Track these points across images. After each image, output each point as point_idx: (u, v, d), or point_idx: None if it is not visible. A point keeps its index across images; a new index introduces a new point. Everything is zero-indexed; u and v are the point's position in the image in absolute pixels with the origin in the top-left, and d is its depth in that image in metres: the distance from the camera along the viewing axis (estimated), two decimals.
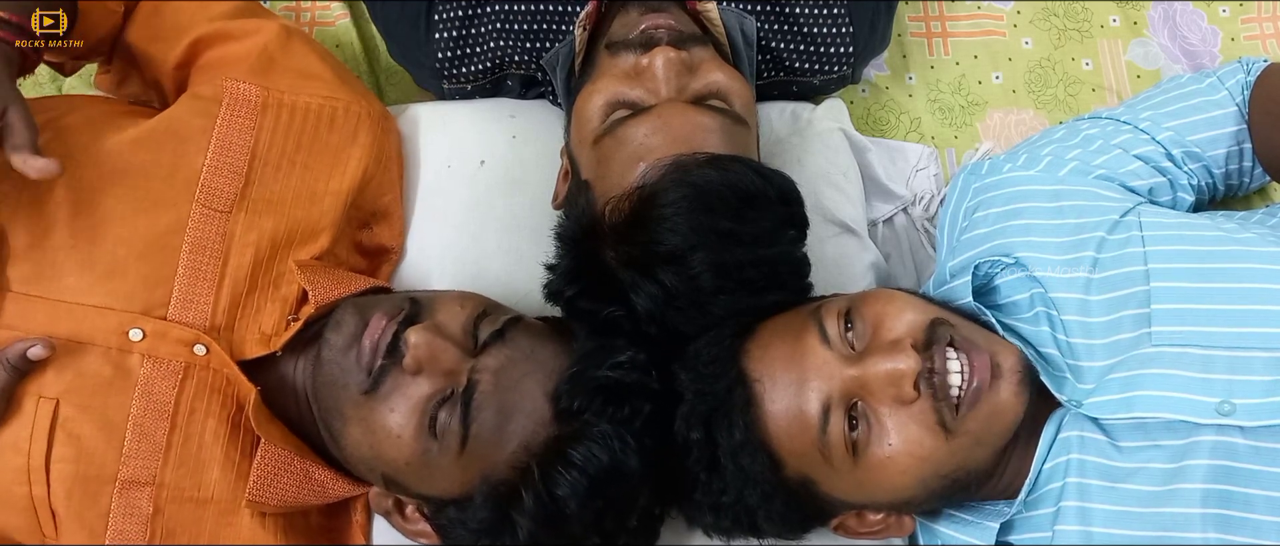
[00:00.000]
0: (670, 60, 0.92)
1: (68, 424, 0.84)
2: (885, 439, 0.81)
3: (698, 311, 0.86)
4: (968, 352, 0.82)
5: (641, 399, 0.84)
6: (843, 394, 0.81)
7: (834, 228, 1.13)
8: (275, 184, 0.95)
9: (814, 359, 0.83)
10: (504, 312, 0.88)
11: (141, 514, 0.86)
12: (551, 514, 0.80)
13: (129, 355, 0.87)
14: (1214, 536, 0.78)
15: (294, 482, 0.89)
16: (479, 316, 0.85)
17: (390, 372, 0.82)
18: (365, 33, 1.29)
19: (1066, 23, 1.34)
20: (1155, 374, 0.83)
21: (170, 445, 0.87)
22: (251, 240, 0.92)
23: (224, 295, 0.91)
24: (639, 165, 0.88)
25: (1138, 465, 0.82)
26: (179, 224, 0.90)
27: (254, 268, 0.92)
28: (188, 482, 0.88)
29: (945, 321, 0.84)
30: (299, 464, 0.89)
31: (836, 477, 0.84)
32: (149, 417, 0.86)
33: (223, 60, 1.00)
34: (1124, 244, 0.90)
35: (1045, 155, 1.02)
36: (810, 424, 0.81)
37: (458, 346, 0.82)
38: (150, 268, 0.88)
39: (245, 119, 0.95)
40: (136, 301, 0.87)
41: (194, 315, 0.89)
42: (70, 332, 0.85)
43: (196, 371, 0.89)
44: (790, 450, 0.83)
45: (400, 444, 0.82)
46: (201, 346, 0.88)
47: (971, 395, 0.80)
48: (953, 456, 0.82)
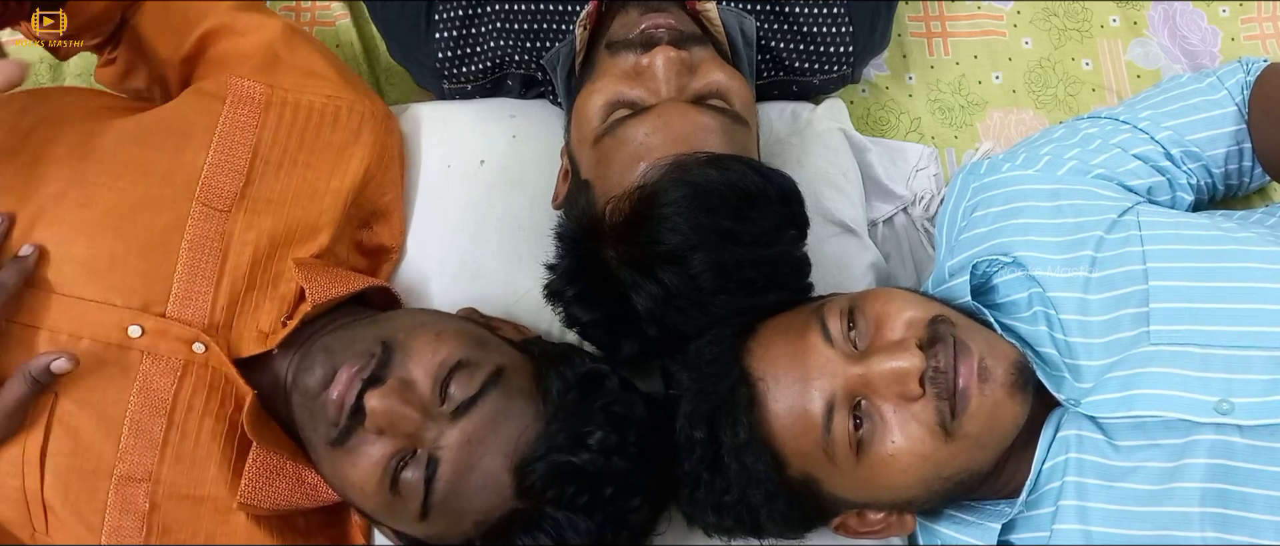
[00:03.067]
0: (670, 60, 0.92)
1: (65, 418, 0.85)
2: (888, 437, 0.81)
3: (698, 311, 0.86)
4: (958, 356, 0.81)
5: (605, 483, 0.82)
6: (847, 392, 0.81)
7: (834, 227, 1.13)
8: (276, 183, 0.95)
9: (817, 357, 0.83)
10: (481, 366, 0.84)
11: (138, 509, 0.86)
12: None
13: (128, 351, 0.87)
14: (1212, 535, 0.78)
15: (286, 486, 0.89)
16: (455, 366, 0.83)
17: (355, 431, 0.82)
18: (365, 33, 1.30)
19: (1066, 23, 1.34)
20: (1154, 372, 0.83)
21: (167, 442, 0.87)
22: (250, 239, 0.92)
23: (222, 293, 0.90)
24: (639, 165, 0.88)
25: (1136, 464, 0.82)
26: (179, 222, 0.90)
27: (252, 266, 0.92)
28: (184, 479, 0.88)
29: (946, 319, 0.84)
30: (292, 467, 0.89)
31: (840, 476, 0.84)
32: (146, 414, 0.86)
33: (228, 55, 1.00)
34: (1123, 243, 0.90)
35: (1044, 155, 1.02)
36: (814, 423, 0.81)
37: (420, 410, 0.81)
38: (150, 264, 0.88)
39: (248, 117, 0.95)
40: (136, 297, 0.87)
41: (192, 313, 0.89)
42: (70, 327, 0.85)
43: (195, 369, 0.89)
44: (794, 449, 0.83)
45: (365, 494, 0.83)
46: (200, 344, 0.88)
47: (962, 398, 0.80)
48: (954, 458, 0.82)
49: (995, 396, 0.81)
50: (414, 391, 0.82)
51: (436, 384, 0.82)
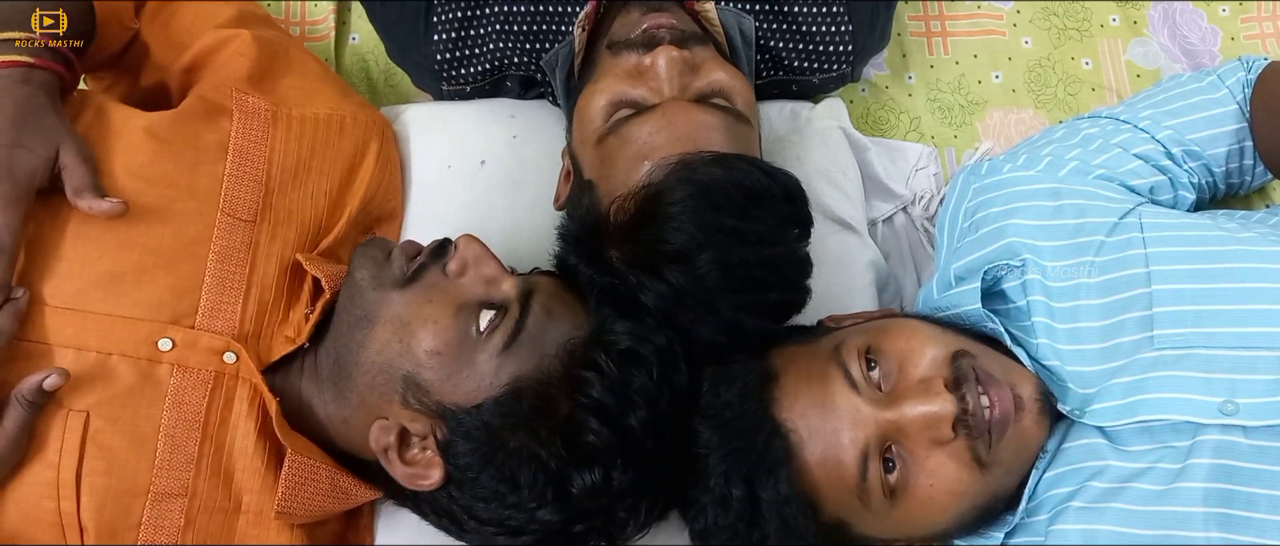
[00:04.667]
0: (673, 59, 0.92)
1: (99, 436, 0.83)
2: (923, 479, 0.81)
3: (704, 310, 0.86)
4: (987, 387, 0.82)
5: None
6: (879, 439, 0.81)
7: (833, 225, 1.13)
8: (294, 193, 0.95)
9: (846, 405, 0.82)
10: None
11: (173, 526, 0.84)
12: (620, 386, 0.80)
13: (158, 365, 0.85)
14: (1216, 535, 0.78)
15: (321, 491, 0.88)
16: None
17: (429, 269, 0.84)
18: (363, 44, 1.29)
19: (1066, 22, 1.34)
20: (1158, 377, 0.83)
21: (202, 455, 0.86)
22: (276, 250, 0.92)
23: (251, 304, 0.90)
24: (643, 164, 0.88)
25: (1145, 466, 0.82)
26: (205, 233, 0.89)
27: (279, 277, 0.92)
28: (219, 493, 0.87)
29: (967, 352, 0.84)
30: (325, 472, 0.88)
31: (872, 519, 0.83)
32: (180, 428, 0.85)
33: (226, 67, 0.99)
34: (1125, 246, 0.90)
35: (1045, 155, 1.02)
36: (849, 473, 0.81)
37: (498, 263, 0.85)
38: (177, 278, 0.87)
39: (258, 131, 0.94)
40: (165, 311, 0.86)
41: (222, 324, 0.88)
42: (98, 344, 0.84)
43: (226, 380, 0.87)
44: (828, 496, 0.82)
45: (437, 329, 0.82)
46: (231, 354, 0.87)
47: (998, 428, 0.81)
48: (987, 488, 0.82)
49: (1025, 424, 0.82)
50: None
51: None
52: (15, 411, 0.79)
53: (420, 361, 0.82)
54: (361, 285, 0.85)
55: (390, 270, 0.85)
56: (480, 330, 0.81)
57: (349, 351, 0.85)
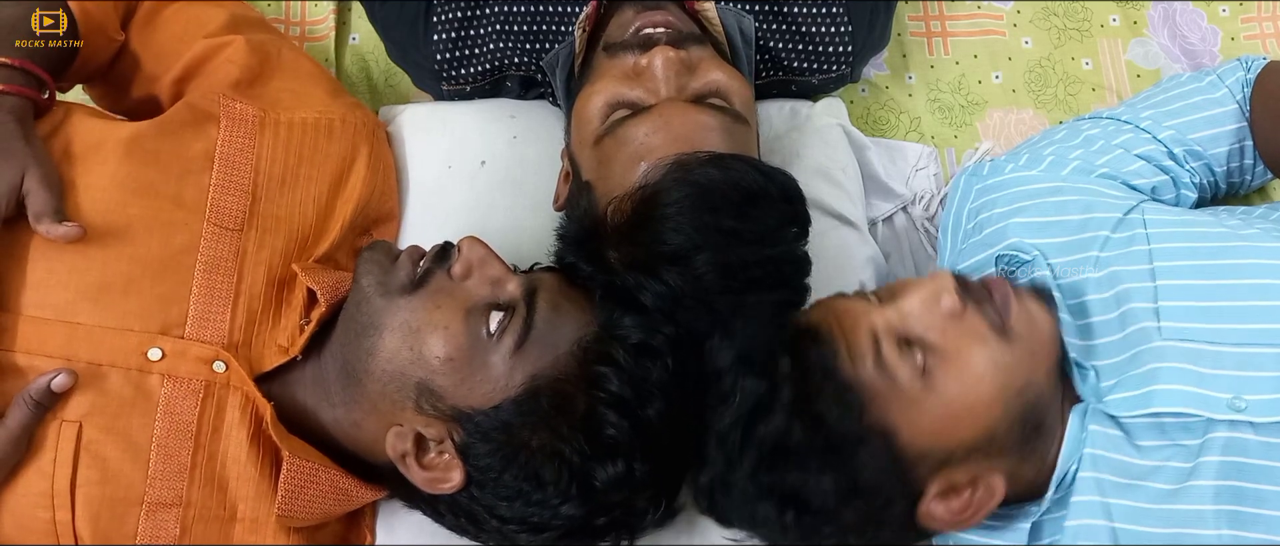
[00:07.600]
0: (669, 59, 0.92)
1: (92, 446, 0.83)
2: (951, 353, 0.80)
3: (703, 310, 0.85)
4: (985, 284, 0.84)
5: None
6: (888, 329, 0.81)
7: (832, 221, 1.13)
8: (282, 200, 0.94)
9: (858, 305, 0.84)
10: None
11: (169, 535, 0.84)
12: (639, 378, 0.81)
13: (148, 375, 0.85)
14: (1227, 533, 0.77)
15: (320, 493, 0.87)
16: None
17: (435, 275, 0.84)
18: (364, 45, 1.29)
19: (1066, 22, 1.33)
20: (1170, 368, 0.82)
21: (195, 464, 0.86)
22: (264, 257, 0.91)
23: (240, 313, 0.90)
24: (640, 165, 0.88)
25: (1157, 463, 0.81)
26: (192, 243, 0.88)
27: (268, 285, 0.92)
28: (214, 501, 0.86)
29: (966, 277, 0.85)
30: (324, 474, 0.87)
31: (915, 412, 0.80)
32: (173, 438, 0.85)
33: (216, 74, 0.99)
34: (1129, 242, 0.90)
35: (1047, 155, 1.02)
36: (864, 355, 0.80)
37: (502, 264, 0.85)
38: (165, 287, 0.87)
39: (244, 138, 0.94)
40: (154, 321, 0.86)
41: (211, 333, 0.88)
42: (89, 355, 0.84)
43: (217, 389, 0.87)
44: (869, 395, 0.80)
45: (448, 335, 0.81)
46: (221, 363, 0.87)
47: (1002, 302, 0.82)
48: (1019, 363, 0.81)
49: (1028, 303, 0.84)
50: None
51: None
52: (21, 411, 0.80)
53: (433, 368, 0.81)
54: (368, 292, 0.85)
55: (396, 276, 0.85)
56: (490, 332, 0.81)
57: (357, 359, 0.84)
